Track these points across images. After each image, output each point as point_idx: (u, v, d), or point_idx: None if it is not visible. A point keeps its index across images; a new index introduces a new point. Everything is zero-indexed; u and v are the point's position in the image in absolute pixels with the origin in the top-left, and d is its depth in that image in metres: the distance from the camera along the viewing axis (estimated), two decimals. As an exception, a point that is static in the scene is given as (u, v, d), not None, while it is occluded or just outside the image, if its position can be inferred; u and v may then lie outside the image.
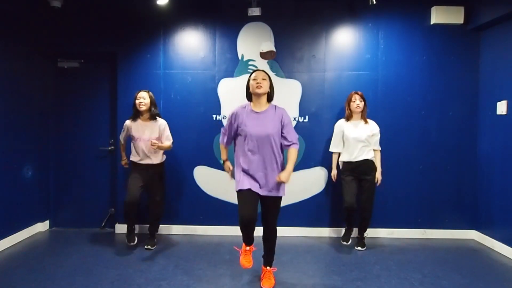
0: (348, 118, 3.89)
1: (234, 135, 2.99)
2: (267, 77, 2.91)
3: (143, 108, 3.67)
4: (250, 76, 2.95)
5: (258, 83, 2.85)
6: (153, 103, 3.75)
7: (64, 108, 4.45)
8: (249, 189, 2.81)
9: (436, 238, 4.22)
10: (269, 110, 2.91)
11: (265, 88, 2.87)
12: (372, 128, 3.83)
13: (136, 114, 3.74)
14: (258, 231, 3.00)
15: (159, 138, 3.72)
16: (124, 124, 3.80)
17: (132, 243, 3.83)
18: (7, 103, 3.83)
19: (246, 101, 3.01)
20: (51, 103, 4.44)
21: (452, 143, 4.23)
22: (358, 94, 3.83)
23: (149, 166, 3.73)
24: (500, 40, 3.89)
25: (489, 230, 4.04)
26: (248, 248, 2.99)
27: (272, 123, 2.85)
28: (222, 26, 4.26)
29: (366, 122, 3.83)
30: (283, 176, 2.79)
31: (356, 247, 3.85)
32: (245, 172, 2.87)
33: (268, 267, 3.05)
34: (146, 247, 3.78)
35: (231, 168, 3.11)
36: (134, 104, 3.71)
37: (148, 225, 3.90)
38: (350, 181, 3.82)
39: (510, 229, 3.72)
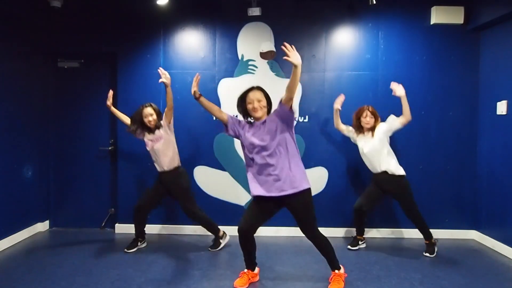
0: (357, 133, 3.78)
1: (231, 126, 2.89)
2: (262, 96, 2.79)
3: (153, 124, 3.58)
4: (243, 97, 2.83)
5: (254, 108, 2.76)
6: (159, 115, 3.63)
7: (64, 108, 4.45)
8: (258, 197, 2.81)
9: (436, 238, 4.22)
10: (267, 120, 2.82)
11: (264, 109, 2.79)
12: (379, 135, 3.64)
13: (143, 128, 3.63)
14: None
15: (164, 126, 3.63)
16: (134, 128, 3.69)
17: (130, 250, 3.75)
18: (7, 103, 3.83)
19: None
20: (51, 103, 4.45)
21: (452, 143, 4.23)
22: (369, 110, 3.66)
23: (162, 174, 3.70)
24: (500, 40, 3.89)
25: (489, 230, 4.04)
26: (246, 270, 3.01)
27: (270, 132, 2.76)
28: (222, 26, 4.26)
29: (373, 135, 3.67)
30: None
31: (424, 253, 3.74)
32: (258, 179, 2.81)
33: (335, 271, 2.96)
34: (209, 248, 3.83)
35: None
36: (142, 120, 3.57)
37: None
38: (371, 187, 3.80)
39: (510, 229, 3.72)
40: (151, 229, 4.19)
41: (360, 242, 3.92)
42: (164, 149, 3.61)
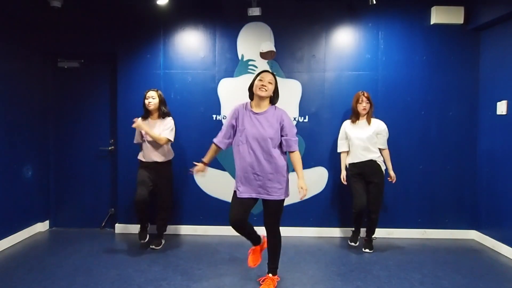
0: (354, 120, 3.83)
1: (232, 133, 2.93)
2: (273, 81, 2.82)
3: (151, 107, 3.70)
4: (256, 75, 2.86)
5: (263, 85, 2.78)
6: (162, 102, 3.76)
7: (64, 108, 4.45)
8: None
9: (436, 238, 4.22)
10: (269, 111, 2.85)
11: (269, 91, 2.80)
12: (375, 128, 3.74)
13: (146, 114, 3.77)
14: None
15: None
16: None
17: (143, 240, 3.78)
18: (7, 103, 3.83)
19: (247, 99, 2.97)
20: (51, 103, 4.44)
21: (452, 143, 4.23)
22: (365, 95, 3.75)
23: (154, 164, 3.75)
24: (500, 40, 3.89)
25: (489, 230, 4.04)
26: (254, 247, 3.06)
27: (271, 125, 2.80)
28: (222, 26, 4.26)
29: (369, 123, 3.76)
30: (301, 184, 2.84)
31: (363, 249, 3.81)
32: (241, 175, 2.86)
33: (270, 274, 2.97)
34: (151, 246, 3.80)
35: (202, 171, 3.12)
36: (144, 103, 3.74)
37: (156, 226, 3.93)
38: (358, 184, 3.77)
39: (510, 229, 3.72)
40: (151, 229, 4.18)
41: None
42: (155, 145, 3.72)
